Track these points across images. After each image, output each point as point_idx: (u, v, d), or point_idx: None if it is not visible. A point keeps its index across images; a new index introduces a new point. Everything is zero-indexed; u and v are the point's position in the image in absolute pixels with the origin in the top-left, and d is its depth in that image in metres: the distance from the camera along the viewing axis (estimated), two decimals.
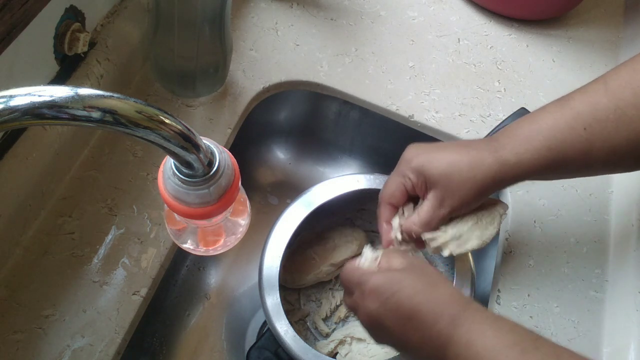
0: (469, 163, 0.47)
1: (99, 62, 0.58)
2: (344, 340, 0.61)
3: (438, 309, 0.41)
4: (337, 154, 0.81)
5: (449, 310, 0.41)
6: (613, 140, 0.44)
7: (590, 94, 0.46)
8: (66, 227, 0.55)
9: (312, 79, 0.69)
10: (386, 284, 0.43)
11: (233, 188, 0.37)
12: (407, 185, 0.50)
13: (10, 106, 0.27)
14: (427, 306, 0.41)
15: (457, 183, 0.47)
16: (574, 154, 0.45)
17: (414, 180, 0.50)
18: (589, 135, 0.45)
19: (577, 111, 0.46)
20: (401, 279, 0.43)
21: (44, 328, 0.50)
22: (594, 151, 0.45)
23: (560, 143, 0.45)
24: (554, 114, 0.47)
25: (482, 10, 0.79)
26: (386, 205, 0.52)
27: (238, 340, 0.69)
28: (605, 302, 0.58)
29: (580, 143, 0.45)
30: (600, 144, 0.45)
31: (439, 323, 0.40)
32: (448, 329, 0.40)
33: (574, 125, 0.45)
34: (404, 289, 0.42)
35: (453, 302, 0.41)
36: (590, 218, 0.63)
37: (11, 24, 0.43)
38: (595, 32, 0.80)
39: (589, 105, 0.45)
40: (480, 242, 0.50)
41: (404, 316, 0.42)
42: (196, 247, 0.46)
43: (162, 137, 0.31)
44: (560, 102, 0.48)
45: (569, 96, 0.47)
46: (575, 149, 0.45)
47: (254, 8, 0.74)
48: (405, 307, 0.42)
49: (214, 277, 0.73)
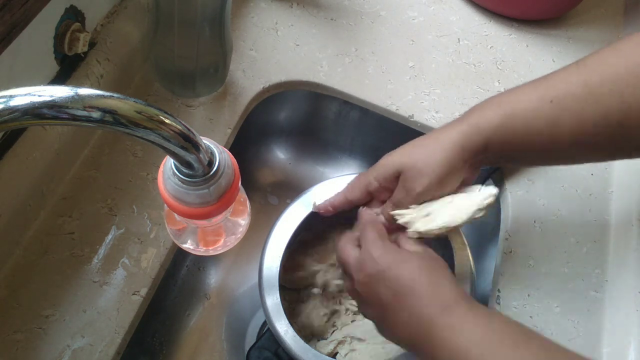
0: (432, 138, 0.48)
1: (99, 62, 0.58)
2: (344, 340, 0.61)
3: (434, 294, 0.41)
4: (337, 154, 0.81)
5: (444, 298, 0.41)
6: (580, 115, 0.43)
7: (564, 71, 0.46)
8: (66, 227, 0.55)
9: (312, 79, 0.69)
10: (396, 255, 0.44)
11: (233, 188, 0.37)
12: (370, 186, 0.51)
13: (10, 106, 0.27)
14: (425, 288, 0.41)
15: (422, 160, 0.47)
16: (539, 124, 0.44)
17: (380, 179, 0.50)
18: (556, 107, 0.44)
19: (549, 84, 0.45)
20: (411, 257, 0.44)
21: (44, 328, 0.50)
22: (560, 125, 0.44)
23: (526, 112, 0.45)
24: (527, 87, 0.47)
25: (482, 10, 0.79)
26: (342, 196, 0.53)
27: (238, 340, 0.69)
28: (605, 302, 0.58)
29: (546, 114, 0.44)
30: (568, 118, 0.43)
31: (431, 306, 0.40)
32: (439, 313, 0.40)
33: (542, 96, 0.45)
34: (410, 265, 0.43)
35: (451, 292, 0.41)
36: (590, 218, 0.63)
37: (11, 24, 0.43)
38: (595, 32, 0.80)
39: (561, 80, 0.45)
40: (451, 220, 0.48)
41: (400, 288, 0.42)
42: (196, 247, 0.46)
43: (162, 137, 0.31)
44: (536, 79, 0.47)
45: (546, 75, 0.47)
46: (541, 119, 0.44)
47: (254, 8, 0.74)
48: (406, 281, 0.42)
49: (214, 277, 0.73)
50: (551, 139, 0.45)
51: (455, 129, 0.47)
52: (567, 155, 0.48)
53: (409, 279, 0.42)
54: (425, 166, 0.47)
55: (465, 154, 0.46)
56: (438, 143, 0.47)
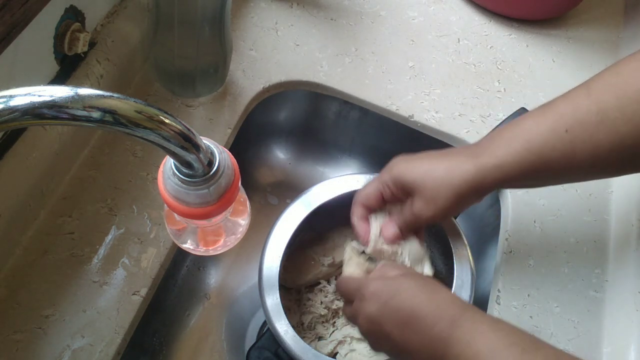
0: (445, 168, 0.47)
1: (99, 62, 0.58)
2: (344, 340, 0.61)
3: (437, 311, 0.41)
4: (337, 154, 0.81)
5: (449, 312, 0.41)
6: (595, 142, 0.43)
7: (572, 98, 0.46)
8: (66, 227, 0.55)
9: (312, 79, 0.69)
10: (385, 287, 0.44)
11: (233, 188, 0.37)
12: (384, 192, 0.51)
13: (10, 106, 0.27)
14: (426, 308, 0.42)
15: (432, 188, 0.47)
16: (556, 156, 0.45)
17: (393, 188, 0.50)
18: (570, 137, 0.44)
19: (559, 114, 0.45)
20: (400, 283, 0.44)
21: (44, 328, 0.50)
22: (576, 154, 0.44)
23: (541, 145, 0.45)
24: (536, 118, 0.46)
25: (482, 10, 0.79)
26: (359, 206, 0.53)
27: (238, 340, 0.69)
28: (605, 302, 0.58)
29: (562, 145, 0.44)
30: (583, 146, 0.44)
31: (438, 324, 0.40)
32: (448, 330, 0.40)
33: (555, 128, 0.44)
34: (404, 292, 0.43)
35: (452, 304, 0.42)
36: (590, 218, 0.63)
37: (11, 24, 0.43)
38: (595, 32, 0.80)
39: (571, 108, 0.45)
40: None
41: (403, 318, 0.42)
42: (196, 247, 0.46)
43: (162, 137, 0.31)
44: (542, 108, 0.47)
45: (551, 102, 0.47)
46: (557, 151, 0.44)
47: (254, 8, 0.74)
48: (406, 309, 0.42)
49: (214, 277, 0.73)
50: (567, 168, 0.45)
51: (469, 164, 0.47)
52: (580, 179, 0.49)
53: (408, 306, 0.42)
54: (435, 197, 0.47)
55: (478, 190, 0.47)
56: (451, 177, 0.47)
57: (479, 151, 0.47)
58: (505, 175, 0.46)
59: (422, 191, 0.48)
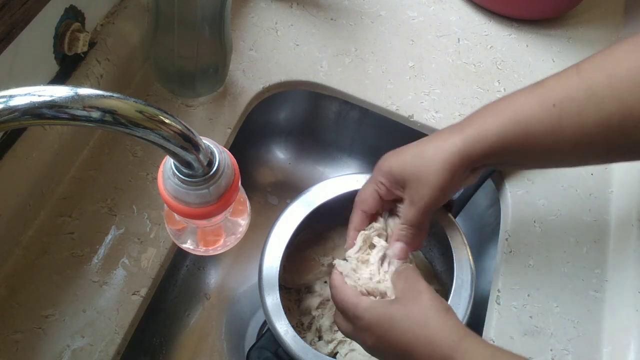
0: (433, 147, 0.47)
1: (98, 62, 0.58)
2: (344, 340, 0.61)
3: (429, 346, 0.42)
4: (337, 154, 0.81)
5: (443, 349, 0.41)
6: (583, 118, 0.43)
7: (562, 75, 0.46)
8: (66, 227, 0.55)
9: (312, 79, 0.69)
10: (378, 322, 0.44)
11: (233, 188, 0.37)
12: (380, 191, 0.51)
13: (10, 106, 0.27)
14: (418, 344, 0.42)
15: (424, 170, 0.47)
16: (542, 130, 0.44)
17: (387, 184, 0.50)
18: (558, 111, 0.44)
19: (548, 89, 0.45)
20: (392, 317, 0.44)
21: (44, 328, 0.50)
22: (563, 129, 0.44)
23: (528, 118, 0.45)
24: (525, 93, 0.46)
25: (482, 10, 0.79)
26: (358, 212, 0.52)
27: (238, 340, 0.69)
28: (605, 302, 0.58)
29: (549, 119, 0.44)
30: (569, 121, 0.43)
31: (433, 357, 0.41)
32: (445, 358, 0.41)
33: (543, 101, 0.44)
34: (395, 328, 0.43)
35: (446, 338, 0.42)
36: (590, 218, 0.63)
37: (11, 24, 0.43)
38: (595, 32, 0.80)
39: (560, 84, 0.45)
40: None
41: (399, 352, 0.43)
42: (196, 247, 0.46)
43: (162, 137, 0.31)
44: (533, 85, 0.47)
45: (542, 80, 0.47)
46: (544, 125, 0.44)
47: (254, 8, 0.74)
48: (399, 345, 0.43)
49: (214, 277, 0.73)
50: (553, 143, 0.45)
51: (456, 136, 0.47)
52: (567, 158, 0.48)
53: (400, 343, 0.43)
54: (427, 176, 0.47)
55: (467, 161, 0.46)
56: (440, 152, 0.47)
57: (466, 124, 0.47)
58: (490, 147, 0.45)
59: (413, 175, 0.47)
